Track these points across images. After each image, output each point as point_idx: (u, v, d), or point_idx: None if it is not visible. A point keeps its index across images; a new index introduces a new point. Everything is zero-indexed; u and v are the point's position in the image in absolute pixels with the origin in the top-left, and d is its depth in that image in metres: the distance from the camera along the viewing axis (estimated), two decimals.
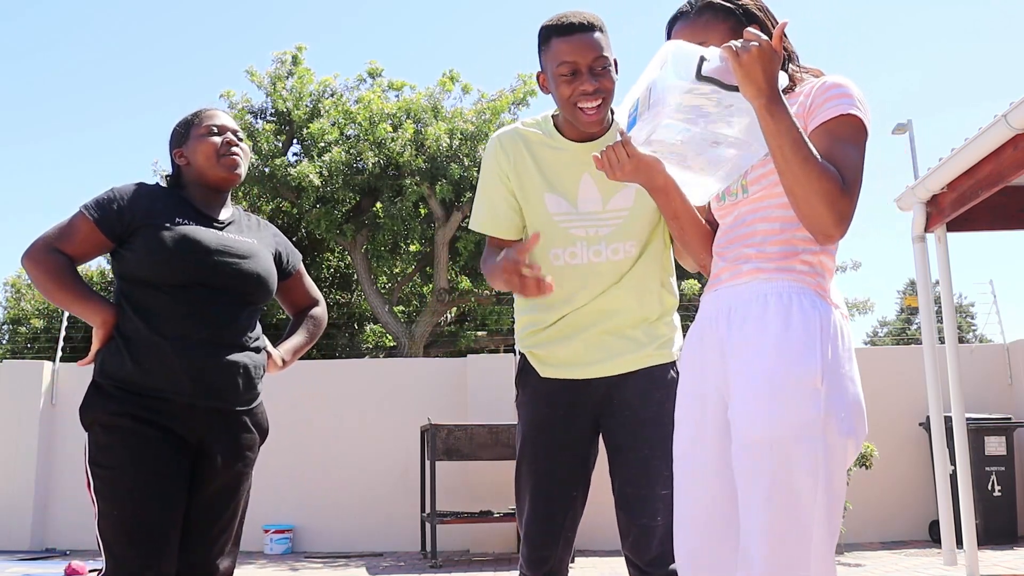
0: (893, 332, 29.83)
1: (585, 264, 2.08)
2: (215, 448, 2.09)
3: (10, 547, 7.00)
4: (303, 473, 7.03)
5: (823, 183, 1.49)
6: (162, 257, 2.06)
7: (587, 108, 1.98)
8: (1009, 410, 7.01)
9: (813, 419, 1.51)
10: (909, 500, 6.90)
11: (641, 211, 2.07)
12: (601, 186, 2.07)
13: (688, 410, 1.73)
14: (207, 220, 2.20)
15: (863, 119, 1.59)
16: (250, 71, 10.12)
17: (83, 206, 2.13)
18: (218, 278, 2.12)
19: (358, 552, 6.88)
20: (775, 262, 1.62)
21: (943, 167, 4.47)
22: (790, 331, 1.55)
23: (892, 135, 13.79)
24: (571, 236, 2.07)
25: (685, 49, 1.51)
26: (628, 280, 2.09)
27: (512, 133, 2.15)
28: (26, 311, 14.84)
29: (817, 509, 1.50)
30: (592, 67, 1.96)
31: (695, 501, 1.68)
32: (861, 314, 15.23)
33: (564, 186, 2.08)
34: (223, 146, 2.22)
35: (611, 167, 1.63)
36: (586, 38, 1.96)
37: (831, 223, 1.51)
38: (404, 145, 8.90)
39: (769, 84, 1.48)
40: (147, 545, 1.94)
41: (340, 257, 12.33)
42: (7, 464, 7.21)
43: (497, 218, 2.14)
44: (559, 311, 2.11)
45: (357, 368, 7.82)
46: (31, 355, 13.52)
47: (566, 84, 1.97)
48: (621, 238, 2.07)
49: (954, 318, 5.01)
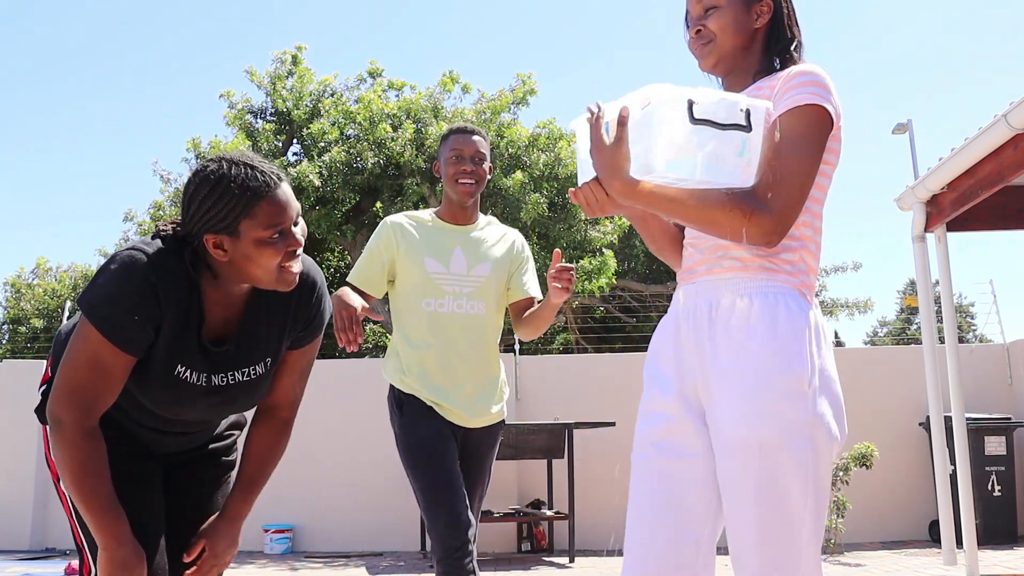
0: (893, 332, 29.84)
1: (449, 313, 2.65)
2: (187, 460, 2.02)
3: (10, 547, 7.01)
4: (303, 473, 7.03)
5: (718, 218, 1.49)
6: (148, 398, 1.80)
7: (464, 183, 2.66)
8: (1009, 410, 7.01)
9: (802, 420, 1.51)
10: (909, 500, 6.90)
11: (495, 280, 2.71)
12: (468, 257, 2.70)
13: (661, 400, 1.67)
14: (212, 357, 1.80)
15: (827, 108, 1.54)
16: (250, 71, 10.12)
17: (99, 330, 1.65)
18: (202, 417, 1.93)
19: (358, 552, 6.88)
20: (758, 258, 1.59)
21: (943, 167, 4.47)
22: (778, 332, 1.53)
23: (892, 135, 13.77)
24: (442, 290, 2.66)
25: (673, 92, 1.47)
26: (479, 333, 2.68)
27: (401, 219, 2.76)
28: (26, 311, 14.84)
29: (807, 510, 1.51)
30: (473, 157, 2.67)
31: (661, 491, 1.63)
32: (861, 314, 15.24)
33: (440, 253, 2.69)
34: (286, 263, 1.69)
35: (588, 205, 1.60)
36: (471, 138, 2.69)
37: (754, 239, 1.51)
38: (404, 145, 8.90)
39: (615, 183, 1.49)
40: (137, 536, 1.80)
41: (340, 257, 12.33)
42: (7, 464, 7.21)
43: (371, 280, 2.72)
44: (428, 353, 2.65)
45: (357, 368, 7.82)
46: (31, 355, 13.52)
47: (452, 165, 2.67)
48: (478, 297, 2.68)
49: (954, 318, 5.01)
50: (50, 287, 15.22)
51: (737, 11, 1.68)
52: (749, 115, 1.50)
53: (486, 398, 2.69)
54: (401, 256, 2.68)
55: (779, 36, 1.70)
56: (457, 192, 2.67)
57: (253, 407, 1.97)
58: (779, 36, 1.70)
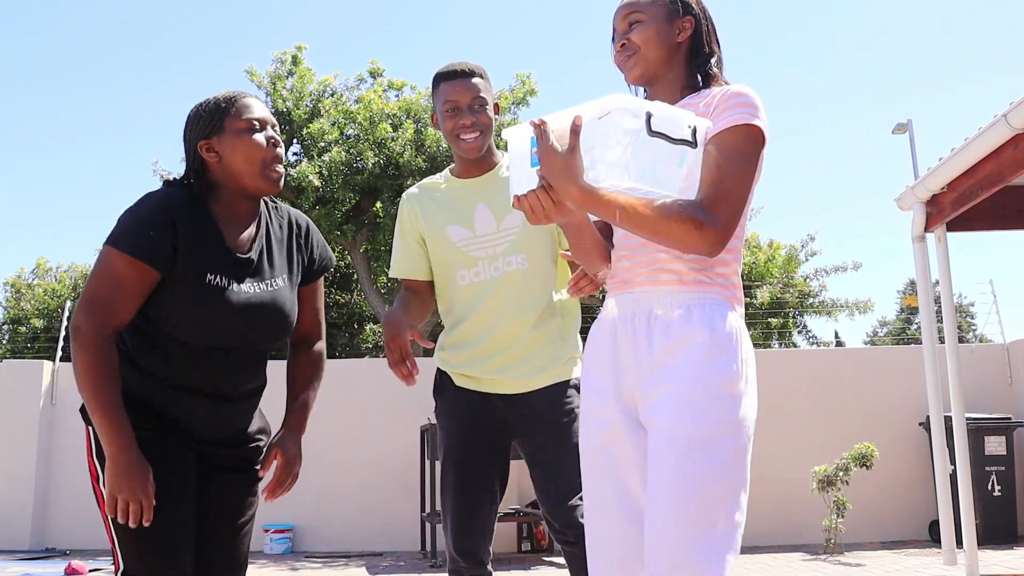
0: (893, 332, 29.84)
1: (486, 280, 2.37)
2: (227, 457, 2.07)
3: (10, 547, 7.01)
4: (303, 473, 6.96)
5: (671, 228, 1.57)
6: (182, 323, 1.93)
7: (467, 138, 2.35)
8: (1009, 410, 7.01)
9: (731, 421, 1.62)
10: (909, 500, 6.90)
11: (529, 230, 2.36)
12: (494, 210, 2.39)
13: (599, 406, 1.77)
14: (236, 263, 1.98)
15: (761, 128, 1.66)
16: (250, 71, 10.11)
17: (116, 246, 1.86)
18: (240, 342, 2.01)
19: (358, 552, 6.89)
20: (694, 272, 1.70)
21: (943, 167, 4.48)
22: (714, 340, 1.65)
23: (892, 135, 13.78)
24: (473, 258, 2.39)
25: (633, 103, 1.54)
26: (526, 291, 2.37)
27: (415, 190, 2.52)
28: (26, 311, 14.83)
29: (724, 505, 1.60)
30: (471, 105, 2.34)
31: (611, 493, 1.73)
32: (861, 314, 15.22)
33: (462, 216, 2.41)
34: (270, 159, 1.97)
35: (533, 213, 1.62)
36: (466, 82, 2.34)
37: (701, 249, 1.60)
38: (404, 145, 8.90)
39: (572, 189, 1.53)
40: (168, 539, 1.88)
41: (340, 257, 12.33)
42: (7, 464, 7.21)
43: (411, 263, 2.48)
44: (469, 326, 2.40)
45: (357, 368, 7.82)
46: (31, 355, 13.52)
47: (449, 119, 2.35)
48: (515, 252, 2.37)
49: (954, 318, 5.01)
50: (50, 287, 15.21)
51: (659, 25, 1.80)
52: (695, 132, 1.62)
53: (541, 357, 2.37)
54: (425, 231, 2.44)
55: (699, 51, 1.82)
56: (462, 149, 2.38)
57: (281, 336, 2.09)
58: (699, 51, 1.82)
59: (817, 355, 8.15)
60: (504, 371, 2.37)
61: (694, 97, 1.77)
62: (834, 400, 7.08)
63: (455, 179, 2.47)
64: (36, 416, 7.24)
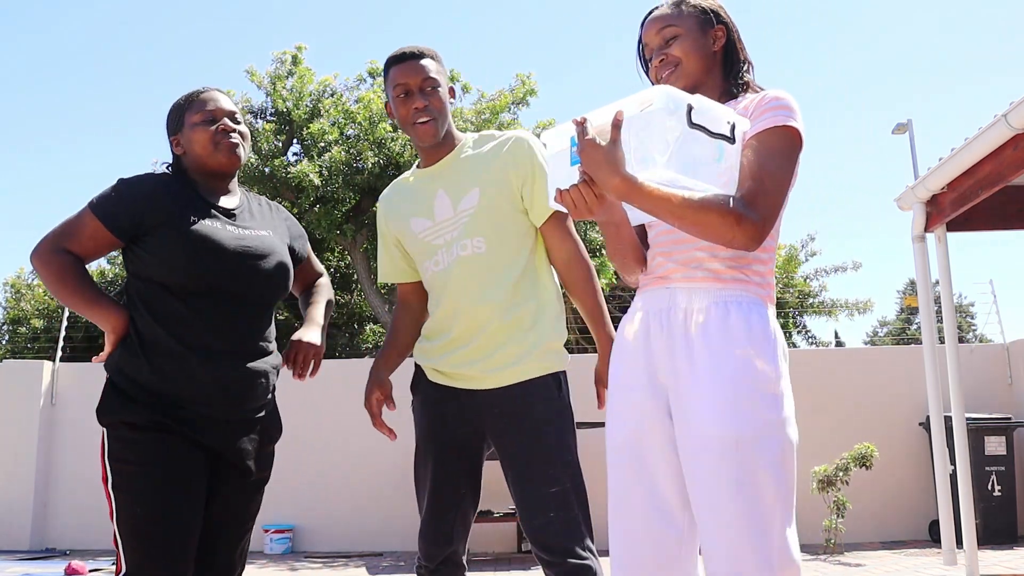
0: (893, 332, 29.83)
1: (445, 268, 2.27)
2: (239, 454, 2.07)
3: (10, 547, 7.01)
4: (303, 473, 7.03)
5: (712, 220, 1.58)
6: (180, 264, 2.00)
7: (420, 121, 2.23)
8: (1009, 410, 7.01)
9: (776, 420, 1.63)
10: (909, 500, 6.90)
11: (490, 204, 2.24)
12: (451, 195, 2.28)
13: (628, 401, 1.77)
14: (221, 214, 2.12)
15: (799, 130, 1.68)
16: (250, 71, 10.11)
17: (90, 202, 2.05)
18: (239, 283, 2.06)
19: (358, 552, 6.89)
20: (731, 270, 1.71)
21: (943, 167, 4.48)
22: (752, 340, 1.66)
23: (892, 135, 13.77)
24: (433, 246, 2.29)
25: (675, 96, 1.55)
26: (484, 276, 2.23)
27: (388, 190, 2.47)
28: (26, 311, 14.83)
29: (778, 506, 1.60)
30: (422, 88, 2.22)
31: (638, 490, 1.74)
32: (861, 314, 15.23)
33: (423, 207, 2.32)
34: (218, 133, 2.13)
35: (576, 207, 1.63)
36: (415, 64, 2.23)
37: (739, 243, 1.61)
38: (404, 145, 8.89)
39: (615, 180, 1.55)
40: (171, 545, 1.90)
41: (340, 257, 12.32)
42: (7, 464, 7.21)
43: (393, 266, 2.44)
44: (436, 317, 2.33)
45: (357, 368, 7.82)
46: (31, 355, 13.52)
47: (401, 104, 2.24)
48: (469, 235, 2.23)
49: (954, 318, 5.01)
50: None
51: (696, 36, 1.83)
52: (733, 129, 1.64)
53: (512, 348, 2.19)
54: (395, 230, 2.39)
55: (734, 59, 1.87)
56: (417, 135, 2.26)
57: (285, 289, 2.20)
58: (734, 59, 1.87)
59: (817, 355, 8.15)
60: (471, 365, 2.22)
61: (731, 103, 1.79)
62: (834, 400, 7.08)
63: (419, 170, 2.38)
64: (36, 416, 7.23)
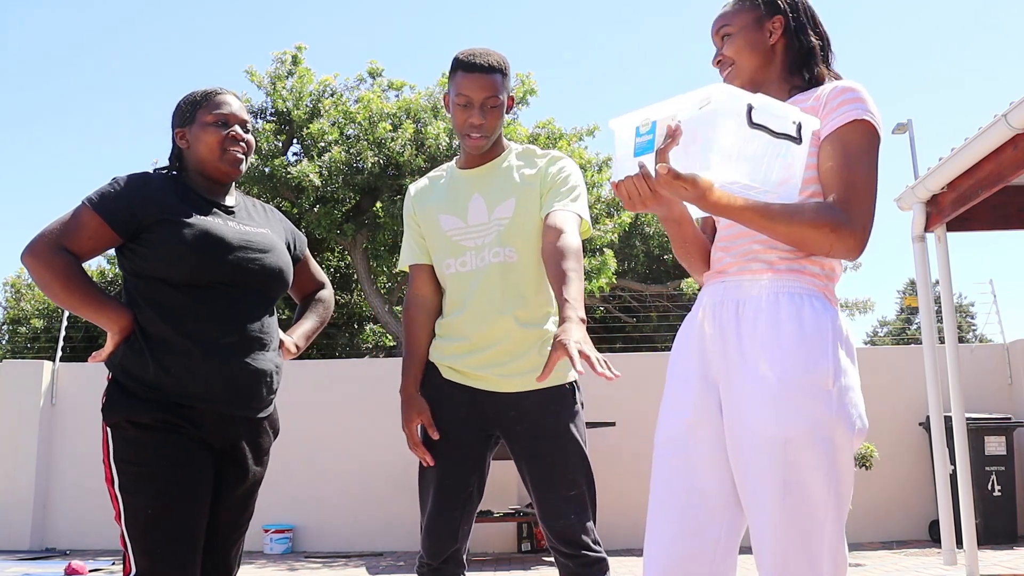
0: (893, 332, 29.82)
1: (472, 271, 2.29)
2: (243, 454, 2.07)
3: (10, 547, 7.01)
4: (303, 473, 7.03)
5: (804, 232, 1.53)
6: (182, 257, 1.99)
7: (472, 136, 2.27)
8: (1009, 410, 7.01)
9: (824, 420, 1.56)
10: (909, 500, 6.90)
11: (524, 215, 2.28)
12: (488, 201, 2.31)
13: (681, 397, 1.72)
14: (220, 210, 2.12)
15: (875, 124, 1.62)
16: (250, 71, 10.10)
17: (87, 199, 2.01)
18: (240, 276, 2.06)
19: (358, 552, 6.89)
20: (786, 261, 1.64)
21: (943, 167, 4.48)
22: (803, 333, 1.58)
23: (892, 135, 13.77)
24: (461, 247, 2.31)
25: (734, 94, 1.49)
26: (514, 283, 2.28)
27: (423, 180, 2.49)
28: (26, 311, 14.83)
29: (830, 504, 1.56)
30: (484, 103, 2.25)
31: (680, 490, 1.68)
32: (861, 314, 15.25)
33: (456, 206, 2.34)
34: (228, 140, 2.11)
35: (631, 199, 1.59)
36: (483, 79, 2.24)
37: (840, 253, 1.56)
38: (404, 145, 8.89)
39: (692, 194, 1.50)
40: (182, 547, 1.90)
41: (340, 257, 12.33)
42: (7, 464, 7.21)
43: (413, 251, 2.44)
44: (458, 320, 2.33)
45: (357, 368, 7.82)
46: (31, 355, 13.52)
47: (460, 113, 2.27)
48: (501, 243, 2.27)
49: (954, 318, 5.01)
50: None
51: (749, 33, 1.77)
52: (800, 128, 1.55)
53: (533, 356, 2.25)
54: (420, 220, 2.41)
55: (798, 47, 1.77)
56: (466, 144, 2.32)
57: (286, 284, 2.21)
58: (798, 47, 1.77)
59: None
60: (487, 368, 2.27)
61: (802, 96, 1.73)
62: None
63: (457, 169, 2.41)
64: (36, 416, 7.23)
